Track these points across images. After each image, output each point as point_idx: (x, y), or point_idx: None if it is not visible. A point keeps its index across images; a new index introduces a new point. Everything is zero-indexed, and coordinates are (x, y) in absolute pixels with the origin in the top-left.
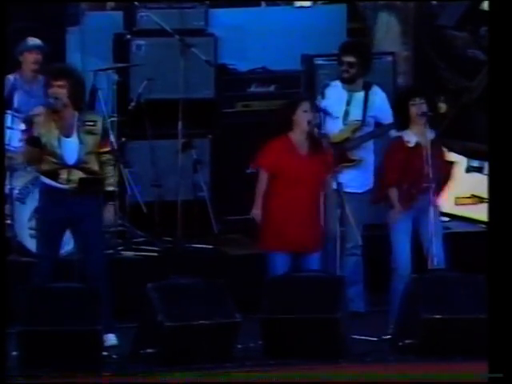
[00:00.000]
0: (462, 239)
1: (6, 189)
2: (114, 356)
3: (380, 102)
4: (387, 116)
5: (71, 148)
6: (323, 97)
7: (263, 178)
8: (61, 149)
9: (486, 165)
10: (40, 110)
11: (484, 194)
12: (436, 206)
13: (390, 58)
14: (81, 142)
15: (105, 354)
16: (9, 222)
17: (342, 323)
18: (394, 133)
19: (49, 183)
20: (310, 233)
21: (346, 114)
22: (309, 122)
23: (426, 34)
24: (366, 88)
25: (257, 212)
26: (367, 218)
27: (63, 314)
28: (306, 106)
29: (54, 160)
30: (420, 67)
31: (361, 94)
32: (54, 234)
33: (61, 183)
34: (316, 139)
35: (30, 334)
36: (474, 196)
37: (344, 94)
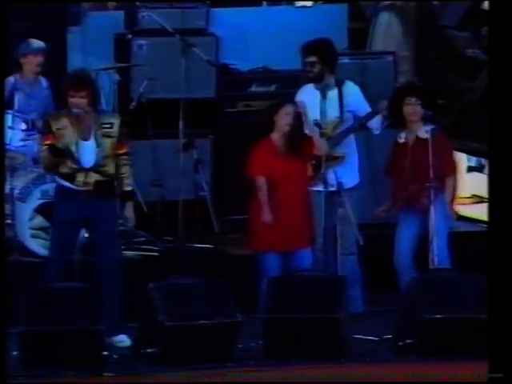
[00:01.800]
0: (463, 239)
1: (7, 188)
2: (115, 356)
3: (355, 96)
4: (364, 109)
5: (89, 151)
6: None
7: (261, 183)
8: (78, 152)
9: (486, 164)
10: (63, 120)
11: (485, 193)
12: (438, 205)
13: (390, 58)
14: (98, 145)
15: (106, 353)
16: (9, 221)
17: (343, 323)
18: (373, 124)
19: (66, 185)
20: (298, 231)
21: (323, 112)
22: (289, 125)
23: (427, 33)
24: (339, 84)
25: (267, 216)
26: (362, 213)
27: (65, 314)
28: (288, 108)
29: (71, 163)
30: (421, 67)
31: (334, 92)
32: (68, 236)
33: (77, 186)
34: (299, 139)
35: (31, 333)
36: (474, 196)
37: (318, 94)
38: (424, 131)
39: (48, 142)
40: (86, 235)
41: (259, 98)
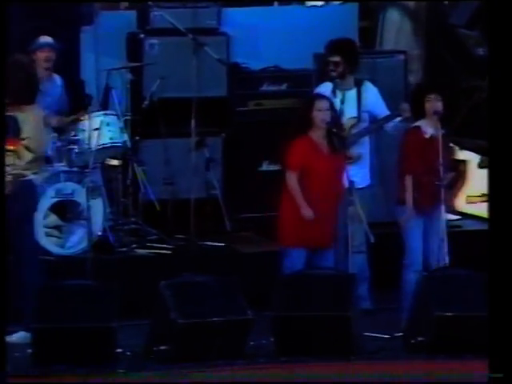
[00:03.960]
0: (473, 237)
1: None
2: (128, 353)
3: (373, 97)
4: (381, 110)
5: None
6: None
7: (293, 178)
8: None
9: None
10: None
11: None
12: (447, 204)
13: (401, 57)
14: None
15: (119, 350)
16: None
17: (353, 320)
18: (390, 126)
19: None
20: (327, 230)
21: (341, 112)
22: (324, 121)
23: (437, 32)
24: (358, 85)
25: (308, 212)
26: (372, 213)
27: (77, 312)
28: (320, 104)
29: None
30: (431, 66)
31: (353, 92)
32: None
33: None
34: (335, 137)
35: (44, 331)
36: (484, 194)
37: (336, 94)
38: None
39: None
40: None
41: (270, 97)
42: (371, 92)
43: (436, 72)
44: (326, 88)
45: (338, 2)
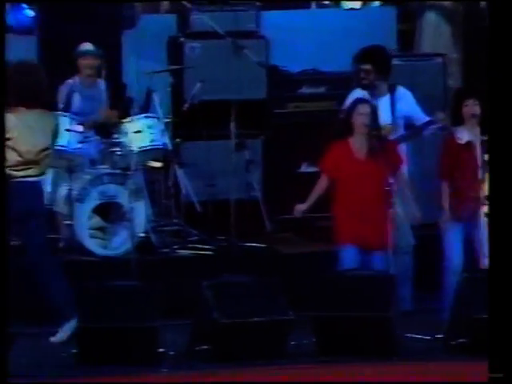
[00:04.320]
0: None
1: (66, 190)
2: (171, 353)
3: (407, 102)
4: (417, 114)
5: None
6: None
7: (322, 180)
8: None
9: None
10: None
11: None
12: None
13: (440, 60)
14: None
15: (161, 350)
16: (68, 222)
17: (394, 321)
18: (429, 132)
19: None
20: (375, 232)
21: None
22: (364, 125)
23: (475, 35)
24: (391, 91)
25: (301, 208)
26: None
27: (120, 312)
28: (361, 108)
29: None
30: (470, 69)
31: (386, 98)
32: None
33: None
34: (375, 140)
35: (88, 331)
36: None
37: (369, 100)
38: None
39: None
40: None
41: (309, 99)
42: (405, 97)
43: (474, 75)
44: (358, 94)
45: (377, 5)
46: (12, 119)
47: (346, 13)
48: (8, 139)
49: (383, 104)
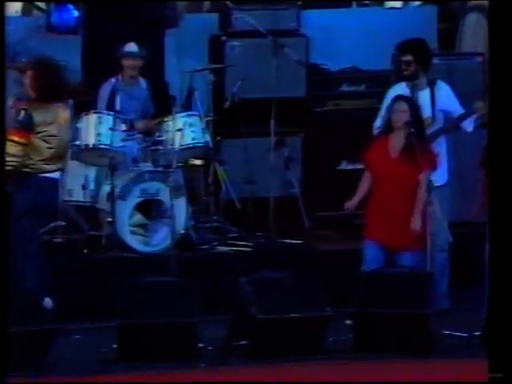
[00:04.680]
0: None
1: (109, 187)
2: (210, 348)
3: (447, 96)
4: (456, 108)
5: None
6: (388, 100)
7: (365, 176)
8: None
9: None
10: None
11: None
12: None
13: (479, 59)
14: None
15: (201, 345)
16: (110, 219)
17: (431, 319)
18: (469, 125)
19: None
20: (402, 232)
21: None
22: (400, 122)
23: None
24: (431, 84)
25: (350, 204)
26: (450, 214)
27: (160, 308)
28: (398, 105)
29: None
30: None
31: (426, 92)
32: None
33: None
34: (413, 138)
35: (129, 327)
36: None
37: (410, 94)
38: None
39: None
40: (182, 231)
41: (349, 98)
42: (445, 91)
43: None
44: (400, 88)
45: (417, 4)
46: (41, 114)
47: (387, 12)
48: (39, 133)
49: (423, 97)
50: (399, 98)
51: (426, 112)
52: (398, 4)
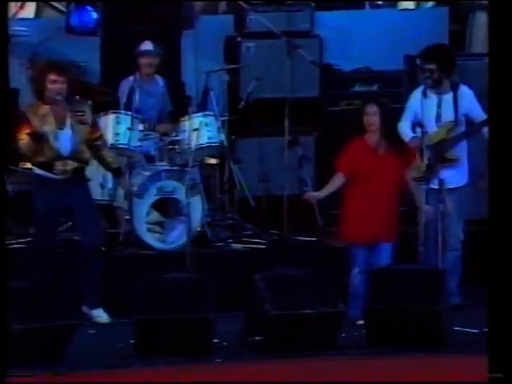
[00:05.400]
0: None
1: (127, 185)
2: (225, 343)
3: (469, 101)
4: (478, 113)
5: (65, 139)
6: (411, 101)
7: (337, 177)
8: (57, 140)
9: None
10: (42, 108)
11: None
12: None
13: None
14: (73, 132)
15: (215, 341)
16: (127, 217)
17: (443, 315)
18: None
19: (44, 174)
20: (385, 225)
21: (438, 116)
22: (368, 124)
23: None
24: (454, 88)
25: (312, 195)
26: (466, 212)
27: (176, 304)
28: (368, 108)
29: (49, 152)
30: None
31: (449, 95)
32: (50, 224)
33: (56, 174)
34: (394, 138)
35: (146, 322)
36: None
37: (433, 97)
38: None
39: (28, 131)
40: (198, 229)
41: (361, 97)
42: (468, 96)
43: None
44: (422, 90)
45: (430, 5)
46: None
47: (399, 13)
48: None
49: (446, 102)
50: (369, 100)
51: (449, 116)
52: (411, 5)
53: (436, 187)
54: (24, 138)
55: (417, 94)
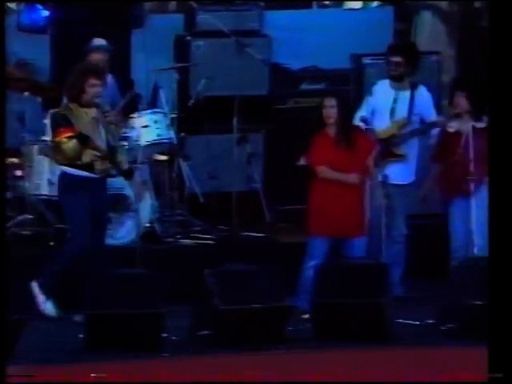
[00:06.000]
0: None
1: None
2: (173, 338)
3: (425, 101)
4: (431, 114)
5: (101, 139)
6: (371, 94)
7: (323, 170)
8: (96, 142)
9: None
10: (81, 111)
11: None
12: (483, 194)
13: (435, 58)
14: (107, 132)
15: (164, 335)
16: None
17: (386, 308)
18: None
19: (84, 175)
20: (350, 220)
21: (393, 111)
22: (327, 118)
23: (469, 34)
24: (413, 87)
25: (352, 178)
26: (411, 208)
27: (126, 299)
28: (327, 101)
29: (96, 153)
30: (464, 66)
31: (407, 93)
32: (87, 224)
33: (96, 174)
34: (353, 132)
35: (95, 317)
36: None
37: (391, 93)
38: (473, 123)
39: (70, 134)
40: (147, 224)
41: (309, 96)
42: (424, 96)
43: (468, 72)
44: (383, 84)
45: (375, 5)
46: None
47: (346, 13)
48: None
49: (403, 98)
50: (327, 93)
51: (403, 113)
52: (357, 5)
53: (381, 181)
54: (68, 141)
55: (377, 87)
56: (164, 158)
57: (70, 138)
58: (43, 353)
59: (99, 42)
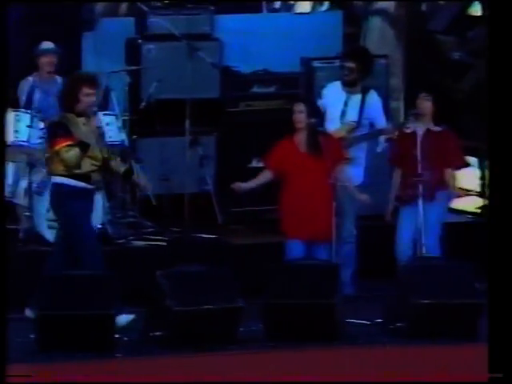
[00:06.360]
0: (452, 229)
1: (26, 183)
2: (126, 338)
3: (375, 106)
4: (381, 119)
5: (97, 149)
6: (321, 97)
7: (265, 173)
8: (92, 151)
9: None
10: (79, 120)
11: (470, 186)
12: (438, 196)
13: (383, 61)
14: (102, 142)
15: (117, 336)
16: (28, 213)
17: (337, 308)
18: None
19: (80, 185)
20: (319, 224)
21: (343, 114)
22: (297, 122)
23: (416, 37)
24: (364, 91)
25: (240, 186)
26: (360, 209)
27: (78, 300)
28: (297, 106)
29: (94, 162)
30: (411, 69)
31: (358, 97)
32: (90, 224)
33: (91, 184)
34: (319, 137)
35: (47, 318)
36: (461, 189)
37: (342, 95)
38: (428, 126)
39: (70, 143)
40: (99, 226)
41: (260, 99)
42: (375, 102)
43: (415, 75)
44: (334, 87)
45: (324, 10)
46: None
47: (296, 17)
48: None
49: (354, 102)
50: (297, 99)
51: (353, 116)
52: (307, 9)
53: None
54: (70, 149)
55: (327, 90)
56: None
57: (70, 146)
58: None
59: (48, 44)
